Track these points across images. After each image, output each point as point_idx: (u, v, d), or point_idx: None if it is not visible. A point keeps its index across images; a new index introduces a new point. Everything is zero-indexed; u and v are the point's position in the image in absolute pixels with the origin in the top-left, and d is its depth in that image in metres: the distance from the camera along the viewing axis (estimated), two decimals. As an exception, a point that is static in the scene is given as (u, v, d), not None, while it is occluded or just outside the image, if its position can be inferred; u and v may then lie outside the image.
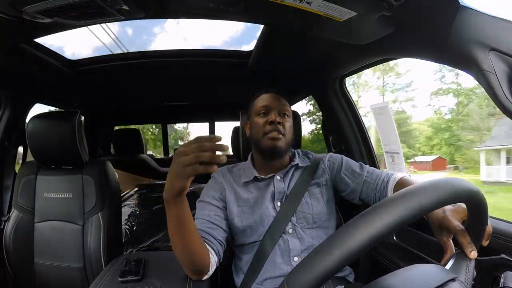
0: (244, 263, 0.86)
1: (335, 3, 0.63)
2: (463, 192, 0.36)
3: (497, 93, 0.53)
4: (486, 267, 0.63)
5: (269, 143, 0.87)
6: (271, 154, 0.89)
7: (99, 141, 2.42)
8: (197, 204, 0.88)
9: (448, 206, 0.54)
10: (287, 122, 0.90)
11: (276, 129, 0.86)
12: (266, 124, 0.87)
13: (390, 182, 0.85)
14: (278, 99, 0.91)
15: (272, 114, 0.88)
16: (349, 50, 0.98)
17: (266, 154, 0.90)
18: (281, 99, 0.91)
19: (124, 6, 0.65)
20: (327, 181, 0.92)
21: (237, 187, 0.90)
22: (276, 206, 0.86)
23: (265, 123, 0.88)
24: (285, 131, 0.88)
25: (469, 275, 0.42)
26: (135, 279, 0.77)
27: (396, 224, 0.31)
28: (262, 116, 0.90)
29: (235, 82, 1.54)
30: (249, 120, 0.96)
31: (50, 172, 1.19)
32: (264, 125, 0.88)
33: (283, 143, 0.88)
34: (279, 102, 0.90)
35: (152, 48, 9.10)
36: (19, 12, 0.63)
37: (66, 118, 1.12)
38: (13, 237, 1.13)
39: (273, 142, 0.86)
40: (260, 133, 0.88)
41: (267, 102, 0.90)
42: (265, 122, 0.88)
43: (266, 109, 0.89)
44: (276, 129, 0.86)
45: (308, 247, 0.83)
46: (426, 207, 0.33)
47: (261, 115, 0.90)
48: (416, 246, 0.94)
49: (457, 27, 0.58)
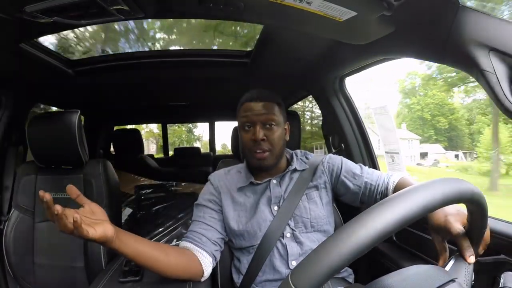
0: (243, 265, 0.86)
1: (335, 3, 0.63)
2: (467, 193, 0.36)
3: (497, 93, 0.53)
4: (486, 267, 0.63)
5: (257, 163, 0.85)
6: (260, 170, 0.88)
7: (99, 141, 2.42)
8: (194, 207, 0.89)
9: (450, 211, 0.54)
10: (274, 133, 0.83)
11: (260, 147, 0.82)
12: (249, 141, 0.84)
13: (390, 183, 0.85)
14: (263, 107, 0.83)
15: (256, 127, 0.82)
16: (349, 50, 0.98)
17: (256, 170, 0.89)
18: (266, 106, 0.83)
19: (124, 6, 0.65)
20: (326, 183, 0.91)
21: (233, 191, 0.89)
22: (273, 210, 0.86)
23: (249, 140, 0.84)
24: (271, 146, 0.83)
25: (468, 276, 0.42)
26: (135, 279, 0.77)
27: (403, 220, 0.31)
28: (246, 131, 0.85)
29: (235, 82, 1.54)
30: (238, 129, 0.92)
31: (50, 172, 1.19)
32: (248, 142, 0.84)
33: (271, 160, 0.84)
34: (263, 111, 0.83)
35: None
36: (19, 12, 0.63)
37: (66, 118, 1.12)
38: (13, 237, 1.13)
39: (259, 162, 0.84)
40: (246, 149, 0.86)
41: (250, 114, 0.83)
42: (249, 138, 0.83)
43: (249, 121, 0.83)
44: (260, 148, 0.82)
45: (306, 251, 0.83)
46: (432, 204, 0.33)
47: (246, 128, 0.85)
48: (416, 246, 0.94)
49: (457, 27, 0.58)
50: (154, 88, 1.70)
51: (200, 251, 0.78)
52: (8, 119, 1.24)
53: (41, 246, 1.14)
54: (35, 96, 1.43)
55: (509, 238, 0.64)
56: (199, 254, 0.78)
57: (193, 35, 1.75)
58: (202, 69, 1.37)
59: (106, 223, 0.60)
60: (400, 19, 0.68)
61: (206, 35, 1.58)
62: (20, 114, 1.32)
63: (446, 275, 0.40)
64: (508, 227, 0.66)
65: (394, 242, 1.03)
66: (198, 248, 0.78)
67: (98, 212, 0.62)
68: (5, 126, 1.24)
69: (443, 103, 8.87)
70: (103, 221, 0.61)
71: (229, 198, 0.88)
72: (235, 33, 1.53)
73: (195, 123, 9.67)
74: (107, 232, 0.59)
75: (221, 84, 1.65)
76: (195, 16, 0.77)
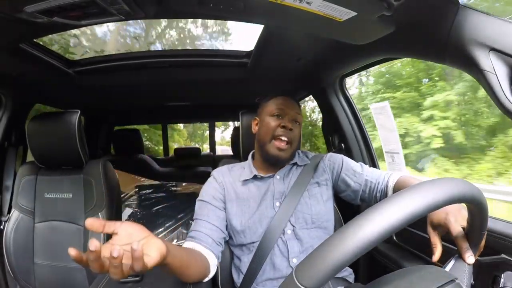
0: (243, 264, 0.86)
1: (335, 3, 0.63)
2: (469, 193, 0.37)
3: (497, 93, 0.53)
4: (486, 267, 0.63)
5: (275, 152, 0.86)
6: (275, 161, 0.89)
7: (99, 141, 2.42)
8: (196, 203, 0.88)
9: (451, 209, 0.54)
10: (298, 130, 0.90)
11: (287, 135, 0.86)
12: (278, 127, 0.87)
13: (390, 182, 0.85)
14: (293, 105, 0.91)
15: (286, 118, 0.88)
16: (349, 50, 0.98)
17: (270, 160, 0.90)
18: (296, 107, 0.91)
19: (124, 6, 0.65)
20: (327, 180, 0.92)
21: (237, 186, 0.90)
22: (275, 206, 0.86)
23: (277, 126, 0.87)
24: (293, 139, 0.87)
25: (468, 277, 0.42)
26: (135, 279, 0.76)
27: (409, 216, 0.31)
28: (275, 118, 0.88)
29: (235, 82, 1.54)
30: (258, 117, 0.95)
31: (50, 172, 1.19)
32: (275, 128, 0.87)
33: (288, 154, 0.88)
34: (294, 109, 0.90)
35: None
36: (19, 12, 0.63)
37: (66, 118, 1.12)
38: (14, 238, 1.13)
39: (279, 152, 0.86)
40: (269, 135, 0.87)
41: (283, 106, 0.89)
42: (277, 125, 0.87)
43: (281, 112, 0.89)
44: (286, 135, 0.86)
45: (307, 249, 0.83)
46: (437, 203, 0.33)
47: (275, 116, 0.89)
48: (416, 246, 0.94)
49: (457, 27, 0.58)
50: (154, 88, 1.70)
51: (208, 253, 0.77)
52: (8, 119, 1.25)
53: (41, 246, 1.14)
54: (35, 96, 1.43)
55: (509, 238, 0.64)
56: (207, 255, 0.77)
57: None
58: (202, 69, 1.37)
59: (152, 238, 0.49)
60: (400, 19, 0.68)
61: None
62: (20, 114, 1.32)
63: (446, 275, 0.40)
64: (508, 227, 0.66)
65: (394, 242, 1.03)
66: (206, 249, 0.77)
67: (135, 231, 0.48)
68: (5, 126, 1.24)
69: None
70: (147, 237, 0.48)
71: (233, 194, 0.89)
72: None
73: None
74: (161, 249, 0.48)
75: (221, 84, 1.65)
76: (195, 16, 0.77)
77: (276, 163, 0.90)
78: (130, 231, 0.47)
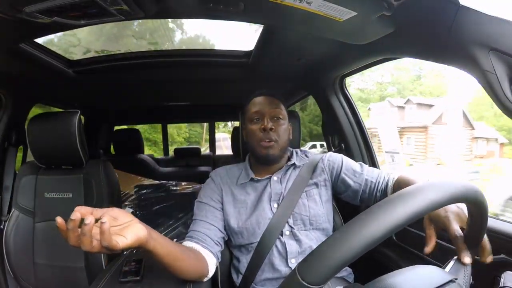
0: (242, 264, 0.86)
1: (335, 3, 0.63)
2: (470, 194, 0.37)
3: (497, 93, 0.53)
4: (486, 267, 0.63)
5: (263, 152, 0.87)
6: (266, 161, 0.90)
7: (99, 141, 2.42)
8: (195, 204, 0.89)
9: (451, 209, 0.54)
10: (281, 126, 0.88)
11: (268, 136, 0.86)
12: (259, 131, 0.87)
13: (390, 181, 0.85)
14: (271, 102, 0.90)
15: (265, 119, 0.87)
16: (349, 50, 0.98)
17: (261, 161, 0.90)
18: (274, 102, 0.90)
19: (124, 6, 0.65)
20: (326, 181, 0.92)
21: (234, 188, 0.90)
22: (273, 207, 0.86)
23: (258, 130, 0.87)
24: (278, 137, 0.87)
25: (467, 277, 0.42)
26: (135, 279, 0.76)
27: (413, 214, 0.31)
28: (255, 123, 0.89)
29: (235, 82, 1.54)
30: (244, 125, 0.96)
31: (50, 172, 1.19)
32: (257, 132, 0.87)
33: (277, 150, 0.87)
34: (271, 105, 0.89)
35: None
36: (19, 12, 0.63)
37: (66, 118, 1.12)
38: (13, 237, 1.13)
39: (266, 150, 0.86)
40: (254, 140, 0.88)
41: (259, 107, 0.89)
42: (257, 129, 0.87)
43: (259, 115, 0.88)
44: (268, 137, 0.86)
45: (305, 249, 0.83)
46: (438, 202, 0.33)
47: (254, 121, 0.89)
48: (416, 246, 0.94)
49: (457, 27, 0.58)
50: (154, 88, 1.70)
51: (206, 252, 0.78)
52: (8, 119, 1.24)
53: (41, 246, 1.14)
54: (35, 96, 1.43)
55: (509, 238, 0.64)
56: (205, 254, 0.77)
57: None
58: (202, 69, 1.37)
59: (134, 223, 0.52)
60: (400, 19, 0.68)
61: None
62: (20, 114, 1.32)
63: (446, 276, 0.40)
64: (508, 227, 0.66)
65: (394, 242, 1.03)
66: (204, 249, 0.78)
67: (121, 215, 0.52)
68: (5, 126, 1.24)
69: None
70: (130, 222, 0.52)
71: (230, 195, 0.89)
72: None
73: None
74: (139, 234, 0.51)
75: (221, 84, 1.65)
76: (195, 16, 0.77)
77: (269, 162, 0.90)
78: (115, 215, 0.51)
